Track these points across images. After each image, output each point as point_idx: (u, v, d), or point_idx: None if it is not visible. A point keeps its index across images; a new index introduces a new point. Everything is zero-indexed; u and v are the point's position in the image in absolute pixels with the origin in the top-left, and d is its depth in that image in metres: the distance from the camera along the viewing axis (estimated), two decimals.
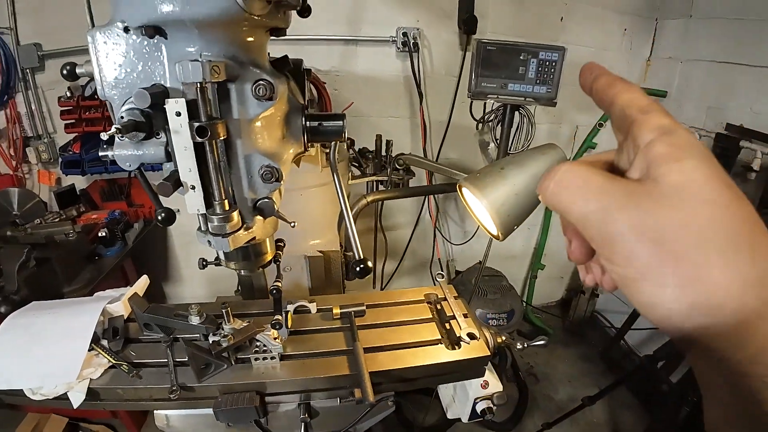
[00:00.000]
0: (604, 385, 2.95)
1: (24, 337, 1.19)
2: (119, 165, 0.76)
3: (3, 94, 2.56)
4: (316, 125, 0.89)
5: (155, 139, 0.74)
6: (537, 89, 1.85)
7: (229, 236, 0.76)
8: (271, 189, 0.80)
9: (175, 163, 0.73)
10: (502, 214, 1.18)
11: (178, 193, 0.78)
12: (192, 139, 0.68)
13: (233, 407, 1.05)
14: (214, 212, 0.75)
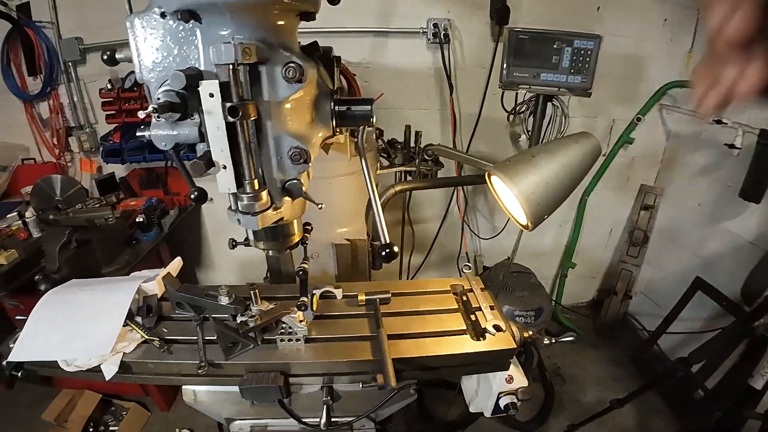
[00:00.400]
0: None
1: (62, 312, 1.25)
2: (155, 144, 0.79)
3: (46, 86, 2.71)
4: (344, 109, 0.90)
5: (190, 119, 0.76)
6: (571, 79, 1.79)
7: (258, 215, 0.78)
8: (300, 170, 0.81)
9: (207, 144, 0.75)
10: (532, 203, 1.16)
11: (210, 173, 0.80)
12: (224, 119, 0.70)
13: (258, 385, 1.08)
14: (244, 191, 0.77)
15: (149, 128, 0.79)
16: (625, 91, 2.79)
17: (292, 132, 0.79)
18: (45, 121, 2.84)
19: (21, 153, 2.92)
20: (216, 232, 3.11)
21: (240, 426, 1.22)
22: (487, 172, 1.24)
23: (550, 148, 1.20)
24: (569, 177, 1.17)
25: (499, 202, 1.31)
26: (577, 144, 1.22)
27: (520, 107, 2.10)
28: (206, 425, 2.55)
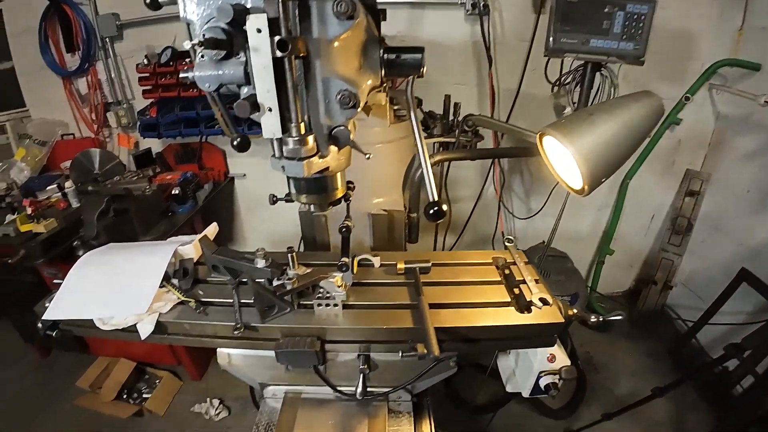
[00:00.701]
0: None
1: (99, 272, 1.26)
2: (199, 85, 0.75)
3: (84, 62, 2.76)
4: (393, 57, 0.84)
5: (235, 58, 0.72)
6: (623, 45, 1.66)
7: (304, 161, 0.74)
8: (348, 116, 0.76)
9: (253, 85, 0.71)
10: (590, 163, 1.08)
11: (253, 118, 0.76)
12: (272, 54, 0.66)
13: (294, 350, 1.05)
14: (290, 135, 0.73)
15: (190, 70, 0.75)
16: (672, 68, 2.62)
17: (341, 74, 0.75)
18: (83, 96, 2.90)
19: (60, 128, 3.00)
20: (247, 208, 3.14)
21: (274, 391, 1.20)
22: (539, 133, 1.16)
23: (608, 106, 1.11)
24: (630, 137, 1.08)
25: (549, 167, 1.23)
26: (639, 103, 1.12)
27: (565, 77, 1.99)
28: (236, 396, 2.60)
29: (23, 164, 2.80)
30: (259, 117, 0.73)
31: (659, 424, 2.59)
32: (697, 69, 2.63)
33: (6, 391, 2.76)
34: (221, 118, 0.85)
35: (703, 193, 2.99)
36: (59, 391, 2.72)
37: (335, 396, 1.16)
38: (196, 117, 2.57)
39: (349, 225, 0.92)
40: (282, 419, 1.12)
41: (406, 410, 1.20)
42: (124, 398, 2.54)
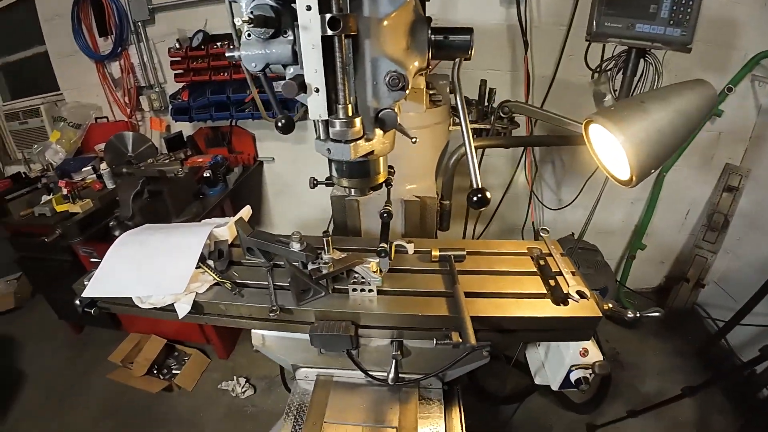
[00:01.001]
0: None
1: (137, 252, 1.28)
2: (245, 65, 0.74)
3: (117, 46, 2.80)
4: (441, 38, 0.82)
5: (282, 37, 0.71)
6: (670, 31, 1.58)
7: (350, 143, 0.72)
8: (395, 98, 0.75)
9: (300, 64, 0.70)
10: (641, 153, 1.03)
11: (298, 99, 0.75)
12: (322, 32, 0.64)
13: (329, 333, 1.06)
14: (337, 116, 0.71)
15: (238, 49, 0.75)
16: (715, 57, 2.49)
17: (390, 55, 0.73)
18: (116, 80, 2.95)
19: (94, 112, 3.07)
20: (276, 192, 3.16)
21: (306, 373, 1.21)
22: (586, 121, 1.11)
23: (661, 94, 1.06)
24: (683, 127, 1.03)
25: (594, 157, 1.19)
26: (692, 91, 1.07)
27: (607, 63, 1.91)
28: (262, 375, 2.66)
29: (58, 146, 2.88)
30: (306, 98, 0.72)
31: (683, 424, 2.53)
32: (740, 59, 2.50)
33: (41, 365, 2.89)
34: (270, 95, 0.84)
35: (742, 189, 2.86)
36: (92, 365, 2.83)
37: (366, 380, 1.17)
38: (226, 101, 2.59)
39: (390, 210, 0.91)
40: (314, 401, 1.13)
41: (436, 397, 1.19)
42: (154, 374, 2.63)
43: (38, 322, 3.21)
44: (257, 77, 0.79)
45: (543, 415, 2.56)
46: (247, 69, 0.76)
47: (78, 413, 2.53)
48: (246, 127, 2.89)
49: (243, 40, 0.74)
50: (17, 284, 3.44)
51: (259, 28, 0.69)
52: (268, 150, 2.97)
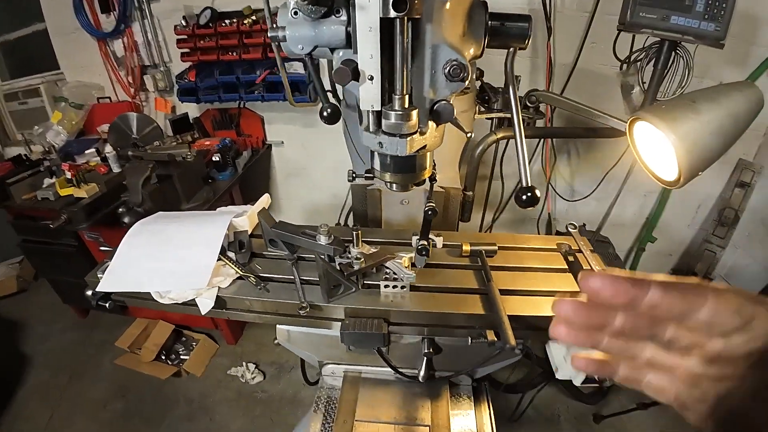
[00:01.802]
0: None
1: (153, 243, 1.22)
2: (290, 46, 0.69)
3: (120, 23, 2.68)
4: (498, 25, 0.76)
5: (335, 17, 0.65)
6: (704, 25, 1.52)
7: (406, 137, 0.67)
8: (453, 89, 0.69)
9: (354, 48, 0.64)
10: (692, 154, 1.00)
11: (348, 88, 0.70)
12: (383, 13, 0.58)
13: (361, 331, 1.02)
14: (392, 108, 0.66)
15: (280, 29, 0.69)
16: (735, 52, 2.44)
17: (450, 42, 0.67)
18: (119, 59, 2.85)
19: (96, 92, 2.97)
20: (284, 176, 3.10)
21: (333, 370, 1.19)
22: (632, 118, 1.07)
23: (710, 94, 1.02)
24: (733, 128, 1.00)
25: (636, 155, 1.15)
26: (741, 93, 1.04)
27: (637, 54, 1.85)
28: (271, 361, 2.65)
29: (60, 128, 2.79)
30: (356, 87, 0.67)
31: None
32: (761, 55, 2.45)
33: (47, 349, 2.87)
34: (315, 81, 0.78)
35: (754, 185, 2.84)
36: (99, 349, 2.81)
37: (396, 377, 1.14)
38: (235, 82, 2.50)
39: (435, 207, 0.87)
40: (343, 399, 1.11)
41: (466, 394, 1.18)
42: (162, 359, 2.61)
43: (42, 305, 3.17)
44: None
45: (550, 405, 2.58)
46: (291, 50, 0.71)
47: (87, 395, 2.52)
48: (255, 109, 2.80)
49: (288, 18, 0.68)
50: (20, 268, 3.39)
51: (310, 5, 0.63)
52: (277, 133, 2.90)
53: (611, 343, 0.39)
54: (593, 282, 0.35)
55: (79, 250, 2.49)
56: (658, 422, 2.44)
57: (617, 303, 0.35)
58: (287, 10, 0.71)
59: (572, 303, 0.38)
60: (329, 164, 2.98)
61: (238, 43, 2.43)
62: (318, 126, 2.83)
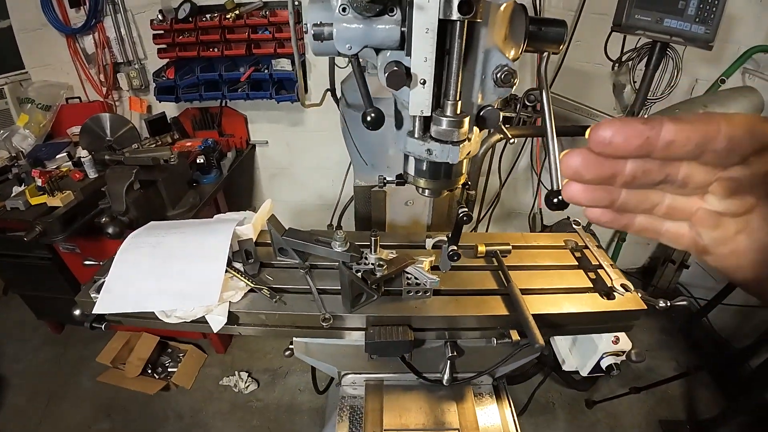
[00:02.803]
0: (683, 361, 2.86)
1: (152, 257, 1.14)
2: (336, 45, 0.65)
3: (90, 18, 2.52)
4: (536, 29, 0.75)
5: (388, 15, 0.62)
6: (695, 28, 1.59)
7: (459, 144, 0.65)
8: (501, 95, 0.68)
9: (408, 50, 0.62)
10: None
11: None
12: (443, 14, 0.56)
13: (387, 340, 1.00)
14: (444, 113, 0.64)
15: (326, 26, 0.65)
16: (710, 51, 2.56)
17: (500, 47, 0.66)
18: (90, 57, 2.68)
19: (65, 91, 2.78)
20: (269, 177, 3.02)
21: (353, 379, 1.16)
22: None
23: (718, 99, 1.07)
24: None
25: None
26: (745, 98, 1.09)
27: (629, 55, 1.89)
28: (263, 368, 2.58)
29: (26, 131, 2.60)
30: (408, 90, 0.64)
31: (673, 398, 2.68)
32: (734, 52, 2.57)
33: (22, 367, 2.69)
34: (359, 83, 0.73)
35: None
36: (77, 367, 2.66)
37: (419, 382, 1.13)
38: (218, 79, 2.40)
39: (468, 212, 0.85)
40: (369, 407, 1.08)
41: (488, 393, 1.18)
42: (148, 373, 2.49)
43: (13, 321, 2.97)
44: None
45: (545, 393, 2.64)
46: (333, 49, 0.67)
47: (69, 417, 2.38)
48: (237, 108, 2.71)
49: (337, 15, 0.64)
50: None
51: (368, 2, 0.60)
52: (261, 133, 2.81)
53: (628, 196, 0.36)
54: (604, 131, 0.32)
55: (54, 263, 2.33)
56: (645, 405, 2.55)
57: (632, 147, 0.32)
58: (320, 5, 0.67)
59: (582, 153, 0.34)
60: (314, 164, 2.92)
61: (220, 38, 2.34)
62: (303, 125, 2.77)
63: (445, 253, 0.99)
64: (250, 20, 2.28)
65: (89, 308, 1.05)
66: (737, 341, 2.81)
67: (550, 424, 2.49)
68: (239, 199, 3.00)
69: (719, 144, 0.32)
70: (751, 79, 2.68)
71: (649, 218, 0.38)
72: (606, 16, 1.96)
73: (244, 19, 2.28)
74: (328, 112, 2.52)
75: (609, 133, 0.32)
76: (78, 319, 1.10)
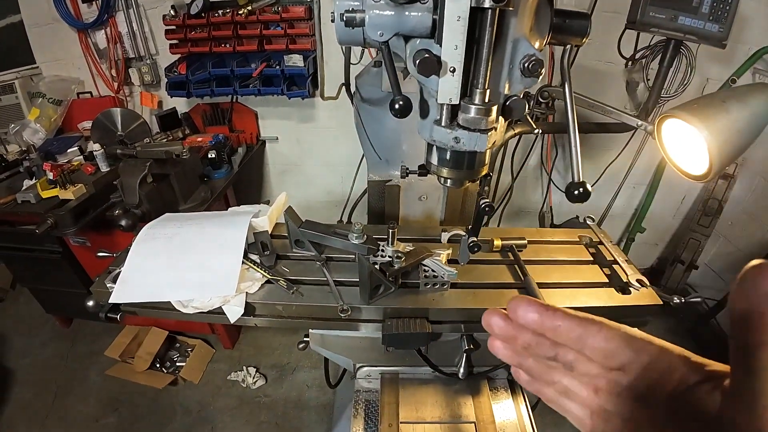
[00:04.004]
0: None
1: (168, 248, 1.15)
2: (368, 31, 0.65)
3: (103, 13, 2.52)
4: (561, 21, 0.75)
5: (420, 3, 0.62)
6: (709, 26, 1.58)
7: (487, 132, 0.66)
8: (527, 85, 0.68)
9: (438, 38, 0.62)
10: (723, 150, 1.04)
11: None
12: (476, 3, 0.56)
13: (405, 332, 1.00)
14: (472, 101, 0.64)
15: (358, 12, 0.65)
16: (722, 50, 2.54)
17: (528, 37, 0.66)
18: (102, 52, 2.68)
19: (76, 86, 2.79)
20: (278, 173, 3.02)
21: (368, 372, 1.16)
22: (662, 115, 1.10)
23: (738, 94, 1.07)
24: (757, 127, 1.06)
25: (662, 150, 1.18)
26: (763, 94, 1.09)
27: (643, 52, 1.89)
28: (271, 364, 2.58)
29: (37, 125, 2.61)
30: (437, 79, 0.64)
31: None
32: (745, 52, 2.56)
33: (30, 361, 2.70)
34: (389, 70, 0.73)
35: (736, 176, 2.97)
36: (86, 360, 2.66)
37: (435, 376, 1.13)
38: (229, 75, 2.40)
39: (492, 203, 0.85)
40: (385, 400, 1.08)
41: (503, 386, 1.17)
42: (157, 367, 2.50)
43: (22, 315, 2.98)
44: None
45: None
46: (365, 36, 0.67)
47: (77, 411, 2.38)
48: (247, 103, 2.71)
49: (368, 2, 0.64)
50: None
51: None
52: (271, 129, 2.81)
53: (533, 364, 0.43)
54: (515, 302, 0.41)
55: (64, 256, 2.34)
56: None
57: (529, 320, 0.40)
58: None
59: (498, 313, 0.42)
60: (323, 160, 2.93)
61: (232, 34, 2.34)
62: (313, 121, 2.77)
63: (465, 245, 0.99)
64: (263, 16, 2.29)
65: (104, 298, 1.06)
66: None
67: (559, 423, 2.47)
68: (249, 195, 3.00)
69: (597, 342, 0.38)
70: (761, 79, 2.67)
71: (556, 394, 0.43)
72: (618, 14, 1.96)
73: (257, 15, 2.28)
74: (339, 108, 2.53)
75: (517, 304, 0.40)
76: (92, 310, 1.10)
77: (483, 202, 0.84)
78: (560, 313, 0.40)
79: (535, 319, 0.40)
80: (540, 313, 0.40)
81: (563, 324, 0.39)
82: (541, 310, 0.40)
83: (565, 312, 0.40)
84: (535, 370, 0.44)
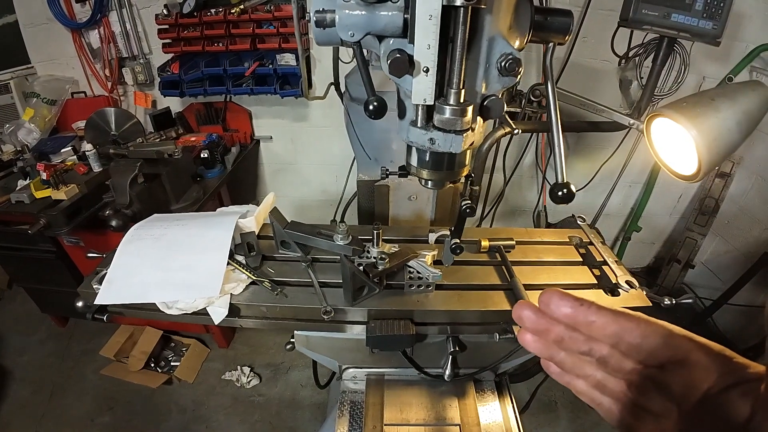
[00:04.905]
0: None
1: (155, 249, 1.14)
2: (339, 32, 0.64)
3: (96, 13, 2.51)
4: (542, 19, 0.74)
5: (391, 2, 0.61)
6: (702, 24, 1.56)
7: (462, 133, 0.65)
8: (505, 84, 0.67)
9: (410, 37, 0.61)
10: (713, 150, 1.02)
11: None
12: (448, 1, 0.55)
13: (388, 334, 0.99)
14: (447, 102, 0.63)
15: (332, 12, 0.64)
16: (718, 48, 2.52)
17: (505, 35, 0.65)
18: (95, 51, 2.68)
19: (70, 86, 2.79)
20: (272, 173, 3.02)
21: (354, 374, 1.15)
22: (651, 115, 1.09)
23: (727, 92, 1.06)
24: (747, 126, 1.04)
25: (651, 150, 1.17)
26: (755, 92, 1.08)
27: (636, 50, 1.87)
28: (265, 363, 2.58)
29: (32, 125, 2.61)
30: (411, 79, 0.63)
31: None
32: (742, 51, 2.55)
33: (26, 361, 2.70)
34: (362, 71, 0.73)
35: (733, 175, 2.96)
36: (80, 361, 2.67)
37: (420, 377, 1.12)
38: (222, 74, 2.40)
39: (472, 205, 0.84)
40: (369, 403, 1.08)
41: (489, 389, 1.17)
42: (151, 367, 2.50)
43: (17, 314, 2.99)
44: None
45: (547, 392, 2.63)
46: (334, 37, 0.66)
47: (72, 410, 2.39)
48: (241, 103, 2.70)
49: (338, 1, 0.63)
50: None
51: None
52: (265, 128, 2.80)
53: (566, 358, 0.42)
54: (547, 295, 0.40)
55: (58, 256, 2.34)
56: None
57: (561, 314, 0.39)
58: None
59: (530, 306, 0.41)
60: (317, 159, 2.92)
61: (224, 33, 2.33)
62: (307, 120, 2.76)
63: (447, 247, 0.98)
64: (255, 15, 2.28)
65: (91, 299, 1.06)
66: (742, 342, 2.78)
67: (553, 422, 2.47)
68: (243, 194, 3.00)
69: (633, 339, 0.37)
70: (758, 77, 2.65)
71: (587, 386, 0.43)
72: (612, 12, 1.94)
73: (249, 14, 2.28)
74: (332, 107, 2.52)
75: (549, 297, 0.39)
76: (80, 310, 1.10)
77: (464, 204, 0.83)
78: (594, 307, 0.39)
79: (568, 314, 0.39)
80: (573, 308, 0.39)
81: (598, 319, 0.38)
82: (575, 304, 0.39)
83: (599, 306, 0.39)
84: (567, 363, 0.42)
